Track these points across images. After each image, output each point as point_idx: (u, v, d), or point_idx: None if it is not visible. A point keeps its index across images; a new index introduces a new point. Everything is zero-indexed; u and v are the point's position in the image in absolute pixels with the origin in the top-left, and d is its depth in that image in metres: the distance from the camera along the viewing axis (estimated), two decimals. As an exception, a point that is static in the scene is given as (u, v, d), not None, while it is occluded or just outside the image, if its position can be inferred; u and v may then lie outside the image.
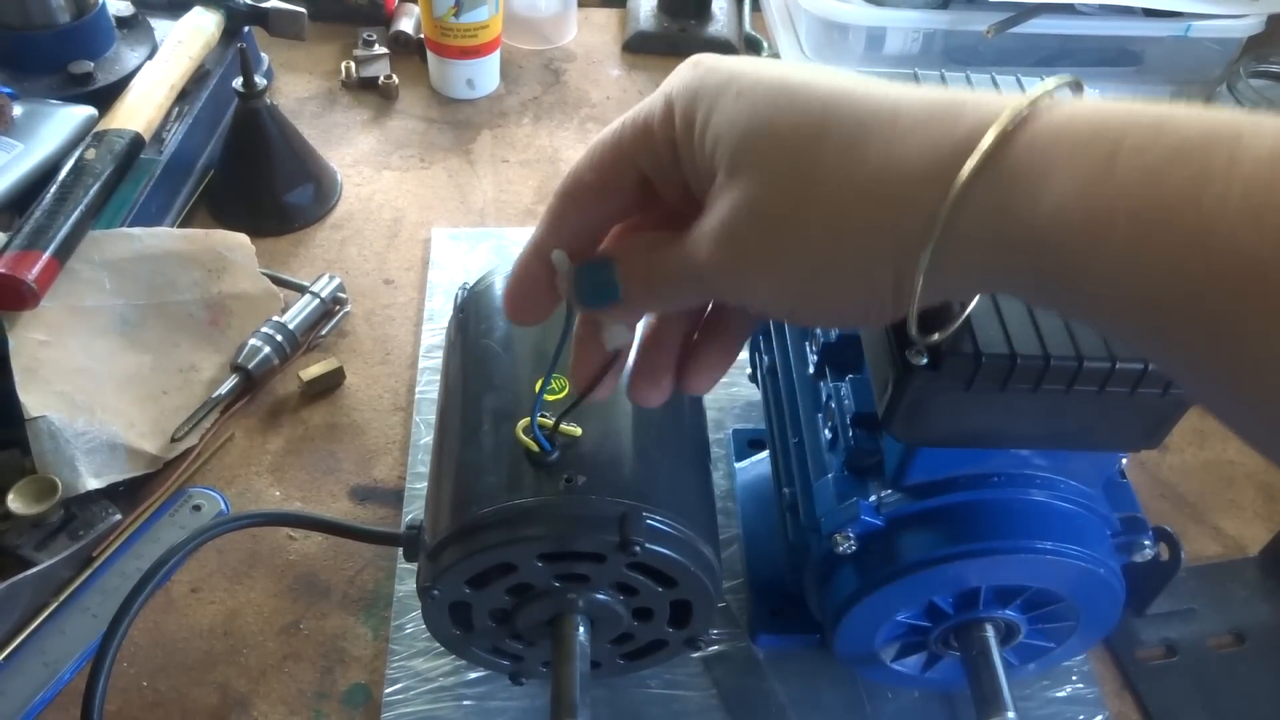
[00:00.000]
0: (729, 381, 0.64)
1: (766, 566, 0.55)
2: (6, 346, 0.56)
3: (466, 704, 0.50)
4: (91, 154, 0.64)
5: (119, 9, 0.77)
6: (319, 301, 0.68)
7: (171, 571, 0.48)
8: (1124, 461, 0.45)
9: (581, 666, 0.42)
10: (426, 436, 0.62)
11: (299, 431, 0.63)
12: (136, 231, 0.64)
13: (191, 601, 0.54)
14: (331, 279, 0.69)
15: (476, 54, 0.88)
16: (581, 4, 1.02)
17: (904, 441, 0.39)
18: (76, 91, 0.71)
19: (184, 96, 0.75)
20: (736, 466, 0.60)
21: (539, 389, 0.41)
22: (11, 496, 0.53)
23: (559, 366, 0.39)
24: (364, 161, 0.83)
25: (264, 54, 0.88)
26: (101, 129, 0.67)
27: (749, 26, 1.02)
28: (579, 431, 0.42)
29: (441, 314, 0.70)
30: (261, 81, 0.72)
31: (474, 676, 0.51)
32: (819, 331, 0.46)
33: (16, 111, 0.67)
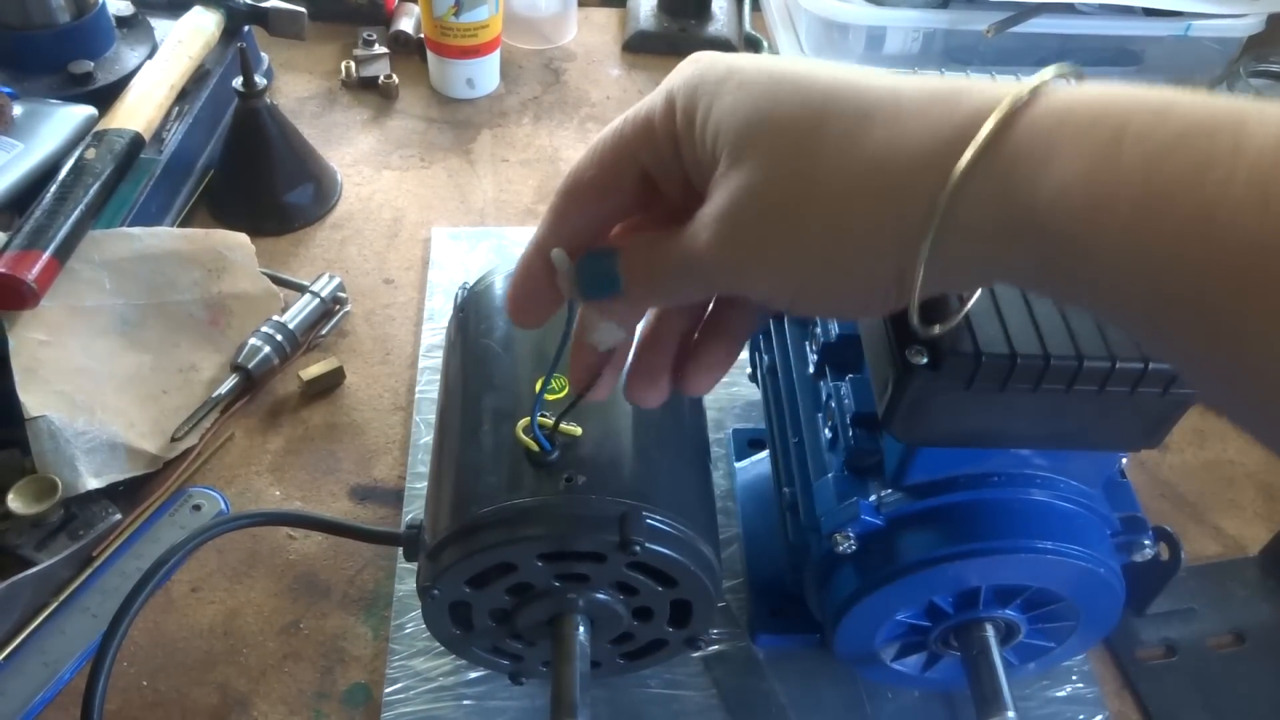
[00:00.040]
0: (729, 381, 0.64)
1: (766, 566, 0.55)
2: (6, 346, 0.56)
3: (466, 704, 0.50)
4: (91, 154, 0.64)
5: (119, 9, 0.77)
6: (319, 301, 0.68)
7: (171, 571, 0.48)
8: (1124, 461, 0.45)
9: (581, 666, 0.42)
10: (426, 436, 0.62)
11: (299, 431, 0.63)
12: (136, 231, 0.64)
13: (191, 601, 0.54)
14: (331, 279, 0.69)
15: (476, 54, 0.88)
16: (581, 4, 1.02)
17: (904, 441, 0.39)
18: (76, 91, 0.71)
19: (184, 96, 0.75)
20: (736, 466, 0.60)
21: (539, 389, 0.41)
22: (11, 496, 0.53)
23: (559, 366, 0.39)
24: (364, 161, 0.83)
25: (264, 54, 0.88)
26: (101, 129, 0.67)
27: (749, 26, 1.02)
28: (579, 431, 0.42)
29: (441, 314, 0.70)
30: (261, 81, 0.72)
31: (474, 676, 0.51)
32: (819, 331, 0.46)
33: (16, 111, 0.67)
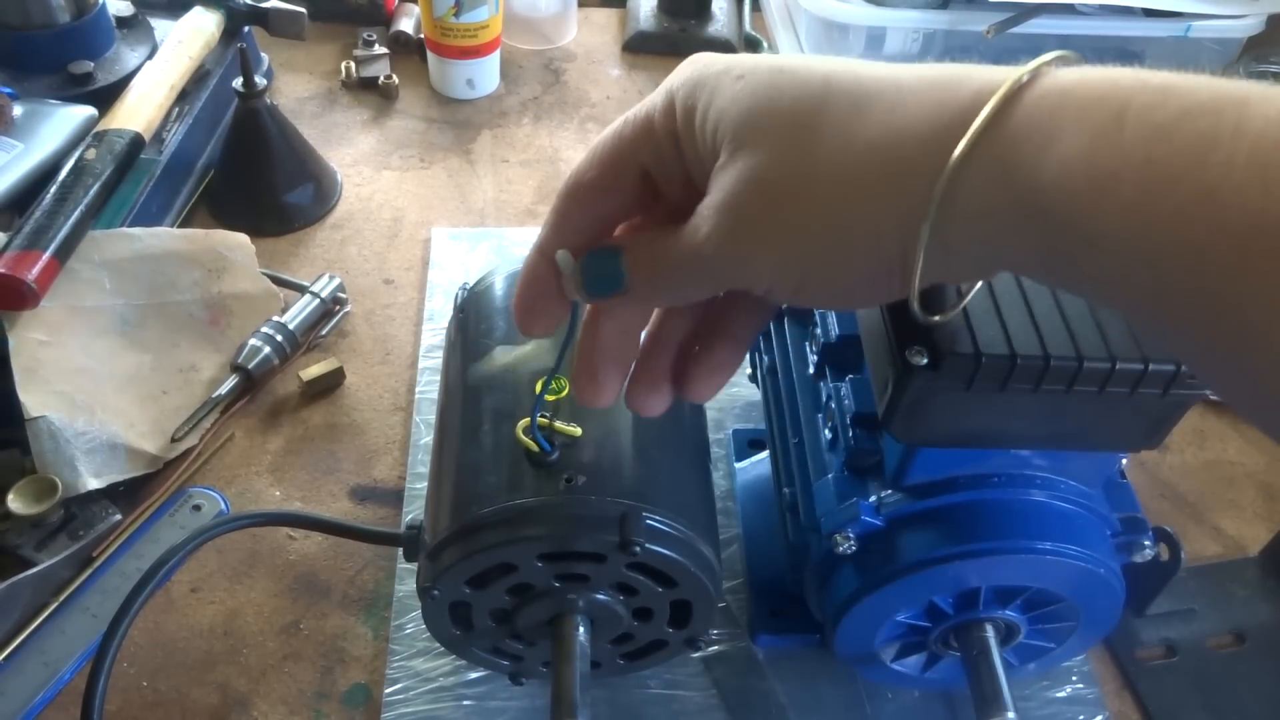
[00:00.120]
0: (729, 382, 0.64)
1: (766, 566, 0.55)
2: (6, 346, 0.56)
3: (466, 704, 0.50)
4: (91, 154, 0.64)
5: (119, 9, 0.77)
6: (319, 301, 0.68)
7: (171, 571, 0.48)
8: (1124, 461, 0.45)
9: (581, 666, 0.42)
10: (426, 436, 0.62)
11: (299, 431, 0.63)
12: (136, 231, 0.64)
13: (191, 601, 0.54)
14: (331, 279, 0.69)
15: (476, 54, 0.88)
16: (581, 4, 1.02)
17: (904, 441, 0.39)
18: (76, 91, 0.71)
19: (184, 96, 0.75)
20: (736, 466, 0.60)
21: (539, 390, 0.41)
22: (11, 496, 0.53)
23: (560, 367, 0.39)
24: (364, 161, 0.83)
25: (264, 54, 0.88)
26: (101, 129, 0.67)
27: (749, 26, 1.02)
28: (579, 432, 0.42)
29: (441, 314, 0.70)
30: (261, 81, 0.72)
31: (474, 676, 0.51)
32: (819, 331, 0.46)
33: (16, 111, 0.67)
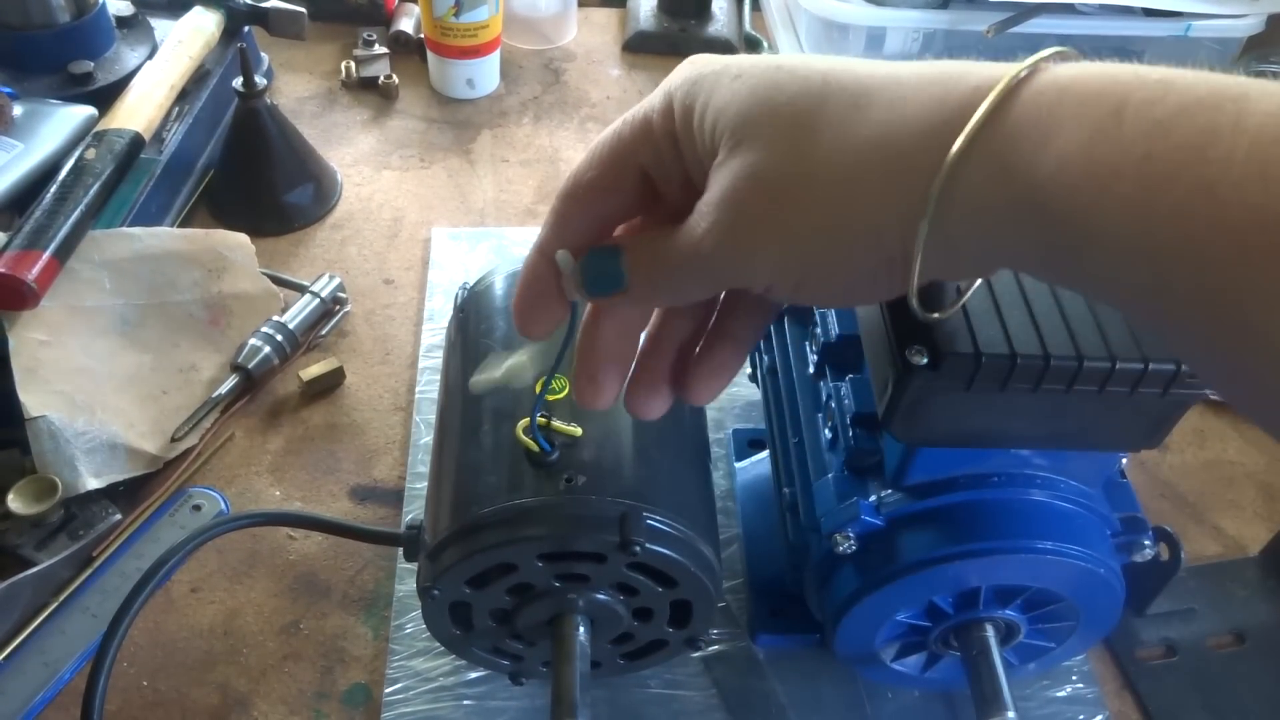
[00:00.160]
0: (730, 383, 0.64)
1: (766, 566, 0.55)
2: (6, 346, 0.56)
3: (466, 704, 0.50)
4: (91, 154, 0.64)
5: (119, 9, 0.77)
6: (319, 301, 0.68)
7: (171, 571, 0.48)
8: (1124, 461, 0.45)
9: (581, 666, 0.42)
10: (426, 436, 0.62)
11: (299, 431, 0.63)
12: (136, 231, 0.64)
13: (191, 601, 0.54)
14: (331, 279, 0.69)
15: (476, 54, 0.88)
16: (581, 4, 1.02)
17: (904, 441, 0.39)
18: (76, 91, 0.71)
19: (184, 96, 0.75)
20: (736, 466, 0.60)
21: (539, 390, 0.41)
22: (11, 496, 0.53)
23: (560, 367, 0.39)
24: (364, 161, 0.83)
25: (264, 54, 0.88)
26: (101, 129, 0.67)
27: (749, 26, 1.02)
28: (579, 432, 0.42)
29: (441, 314, 0.70)
30: (261, 81, 0.72)
31: (474, 676, 0.51)
32: (819, 331, 0.46)
33: (16, 111, 0.67)
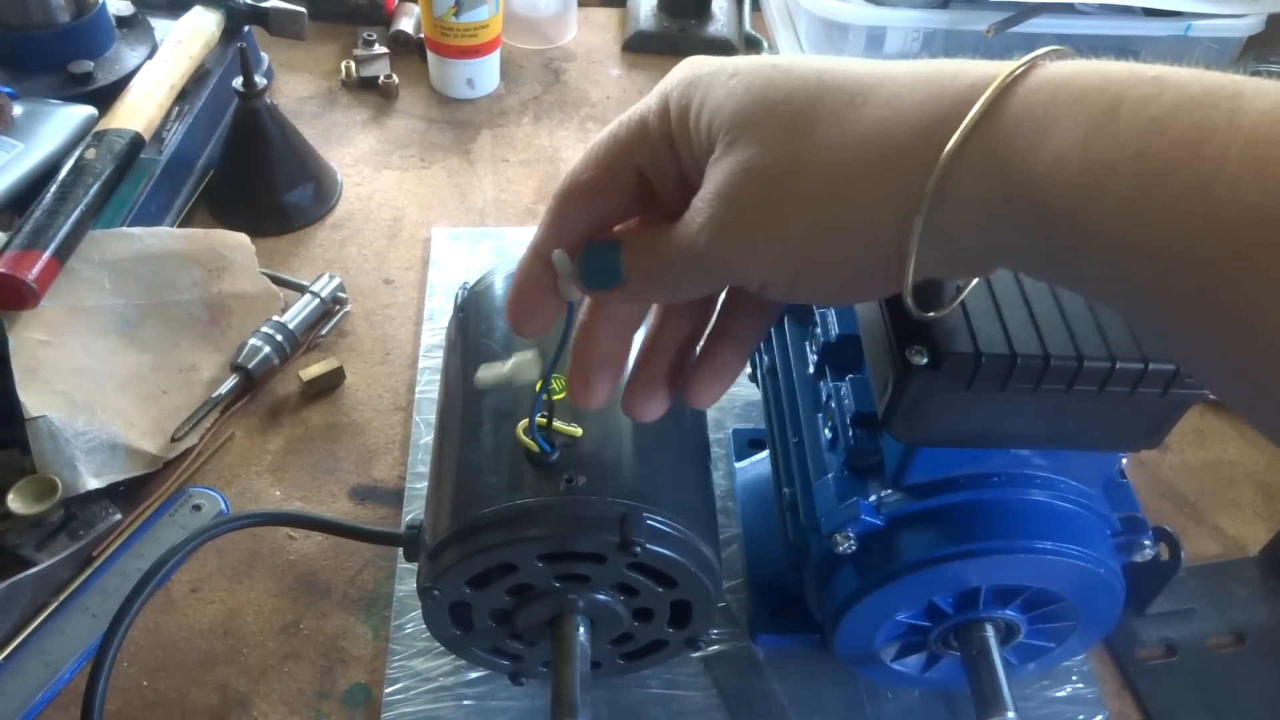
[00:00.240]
0: (731, 386, 0.64)
1: (766, 566, 0.55)
2: (6, 346, 0.56)
3: (466, 704, 0.50)
4: (91, 154, 0.64)
5: (119, 9, 0.77)
6: (319, 301, 0.68)
7: (171, 571, 0.48)
8: (1124, 461, 0.45)
9: (581, 666, 0.42)
10: (426, 436, 0.61)
11: (299, 431, 0.63)
12: (136, 231, 0.64)
13: (191, 601, 0.54)
14: (331, 279, 0.69)
15: (476, 54, 0.88)
16: (581, 4, 1.02)
17: (904, 441, 0.39)
18: (76, 91, 0.71)
19: (184, 96, 0.75)
20: (736, 466, 0.60)
21: (538, 390, 0.41)
22: (11, 496, 0.53)
23: (558, 367, 0.39)
24: (364, 161, 0.83)
25: (264, 54, 0.88)
26: (101, 129, 0.67)
27: (749, 26, 1.02)
28: (579, 432, 0.42)
29: (441, 314, 0.70)
30: (261, 81, 0.72)
31: (474, 676, 0.51)
32: (819, 331, 0.46)
33: (16, 111, 0.67)
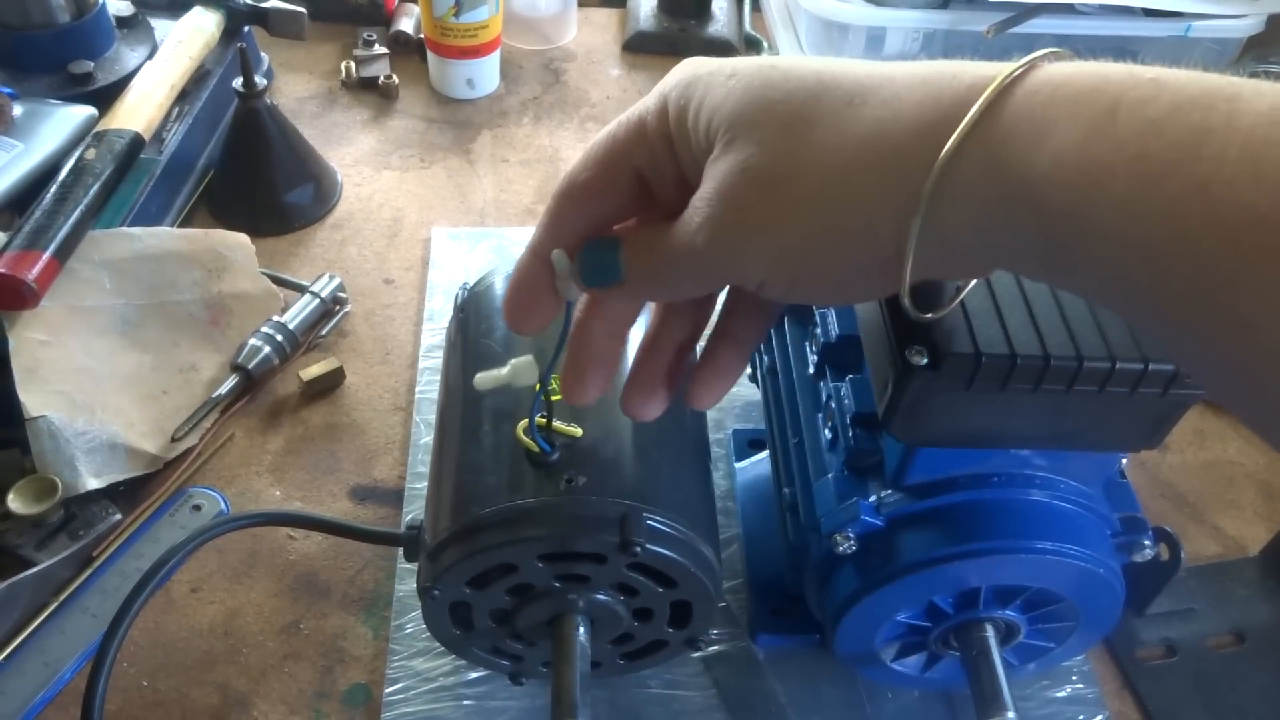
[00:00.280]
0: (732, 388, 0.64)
1: (766, 566, 0.55)
2: (6, 346, 0.56)
3: (466, 704, 0.50)
4: (91, 154, 0.64)
5: (119, 9, 0.77)
6: (319, 301, 0.68)
7: (171, 571, 0.48)
8: (1124, 461, 0.45)
9: (582, 666, 0.42)
10: (426, 436, 0.61)
11: (299, 431, 0.63)
12: (136, 231, 0.64)
13: (191, 601, 0.54)
14: (331, 279, 0.69)
15: (476, 54, 0.88)
16: (581, 4, 1.02)
17: (904, 441, 0.39)
18: (76, 91, 0.71)
19: (184, 96, 0.75)
20: (736, 466, 0.60)
21: (538, 390, 0.41)
22: (11, 496, 0.53)
23: (557, 367, 0.39)
24: (364, 161, 0.83)
25: (264, 54, 0.88)
26: (101, 129, 0.67)
27: (749, 26, 1.02)
28: (579, 432, 0.42)
29: (441, 314, 0.70)
30: (261, 81, 0.72)
31: (474, 676, 0.51)
32: (819, 331, 0.46)
33: (16, 111, 0.67)
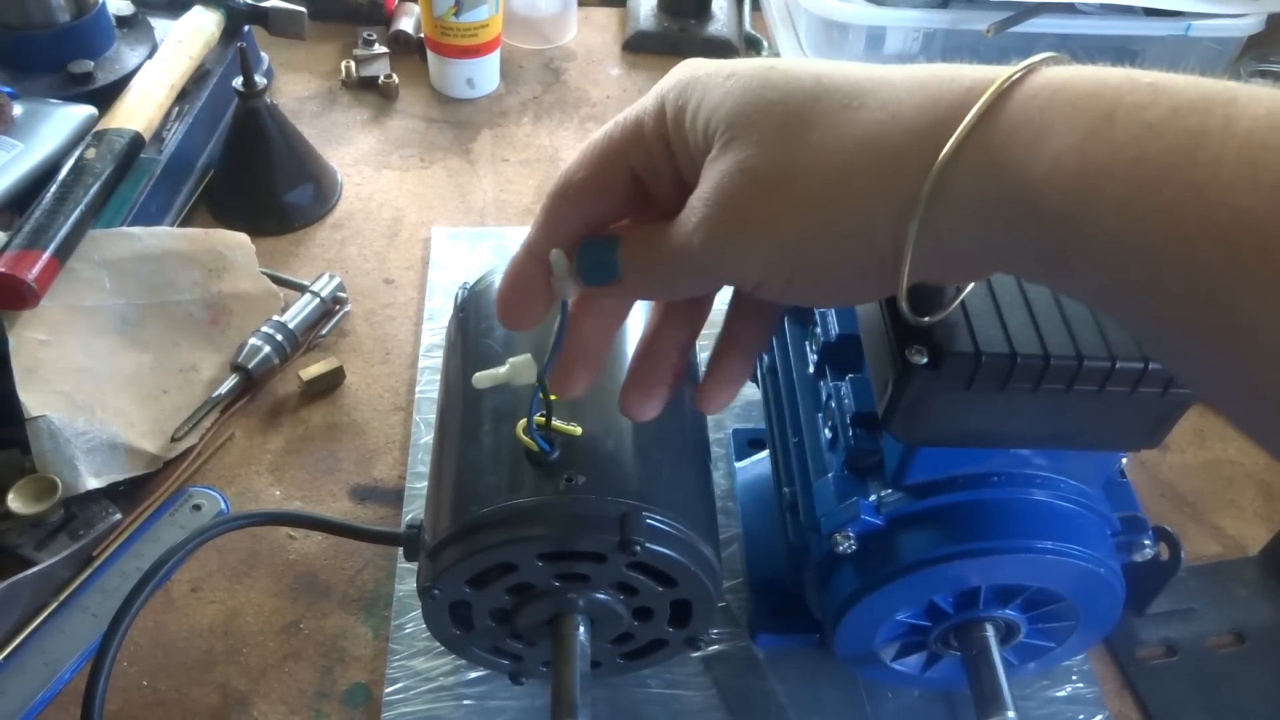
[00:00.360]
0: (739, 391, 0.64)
1: (766, 566, 0.55)
2: (6, 346, 0.56)
3: (466, 704, 0.50)
4: (91, 153, 0.64)
5: (119, 8, 0.77)
6: (319, 301, 0.68)
7: (171, 571, 0.48)
8: (1124, 461, 0.45)
9: (581, 666, 0.42)
10: (426, 436, 0.61)
11: (299, 431, 0.63)
12: (136, 231, 0.64)
13: (191, 601, 0.54)
14: (331, 278, 0.69)
15: (476, 53, 0.88)
16: (581, 3, 1.02)
17: (904, 441, 0.39)
18: (76, 91, 0.71)
19: (184, 96, 0.75)
20: (736, 466, 0.60)
21: (537, 388, 0.41)
22: (11, 496, 0.53)
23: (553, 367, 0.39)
24: (364, 161, 0.83)
25: (264, 53, 0.88)
26: (101, 128, 0.67)
27: (749, 26, 1.02)
28: (579, 431, 0.42)
29: (441, 313, 0.70)
30: (261, 81, 0.72)
31: (474, 676, 0.51)
32: (819, 331, 0.46)
33: (16, 111, 0.67)
